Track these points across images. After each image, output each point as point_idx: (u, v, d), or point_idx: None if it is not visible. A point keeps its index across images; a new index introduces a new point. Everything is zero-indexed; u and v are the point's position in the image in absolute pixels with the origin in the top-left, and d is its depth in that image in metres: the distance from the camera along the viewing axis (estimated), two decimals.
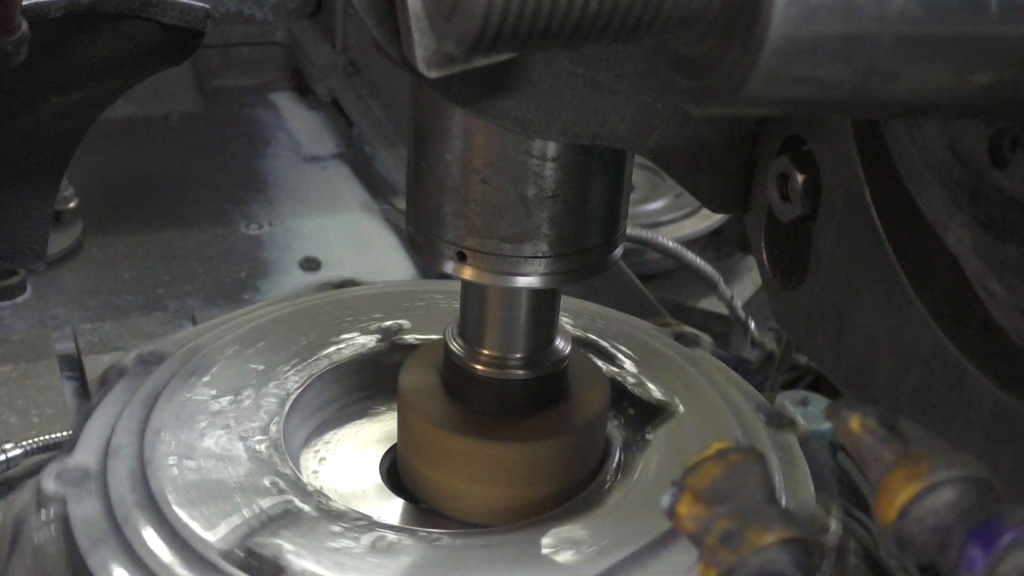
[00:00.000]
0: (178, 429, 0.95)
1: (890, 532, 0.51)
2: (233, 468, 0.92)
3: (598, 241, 0.88)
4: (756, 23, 0.48)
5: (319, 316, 1.11)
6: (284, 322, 1.10)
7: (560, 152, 0.82)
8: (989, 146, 0.64)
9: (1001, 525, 0.49)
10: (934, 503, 0.51)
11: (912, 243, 0.70)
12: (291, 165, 2.23)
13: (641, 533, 0.87)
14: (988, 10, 0.49)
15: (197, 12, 1.11)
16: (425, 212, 0.87)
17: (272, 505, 0.88)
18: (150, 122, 2.32)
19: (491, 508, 0.93)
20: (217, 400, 0.99)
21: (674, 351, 1.10)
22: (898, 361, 0.71)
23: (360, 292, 1.17)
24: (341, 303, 1.14)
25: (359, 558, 0.84)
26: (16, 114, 1.13)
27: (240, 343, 1.06)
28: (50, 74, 1.10)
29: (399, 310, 1.12)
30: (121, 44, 1.12)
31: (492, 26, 0.50)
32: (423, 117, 0.85)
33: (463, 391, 0.95)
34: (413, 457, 0.96)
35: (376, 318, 1.11)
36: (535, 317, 0.92)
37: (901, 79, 0.51)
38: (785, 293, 0.82)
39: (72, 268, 1.83)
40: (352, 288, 1.18)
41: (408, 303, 1.14)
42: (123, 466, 0.91)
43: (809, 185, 0.77)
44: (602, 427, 0.98)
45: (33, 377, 1.42)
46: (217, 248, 1.93)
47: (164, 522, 0.85)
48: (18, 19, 0.98)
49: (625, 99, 0.77)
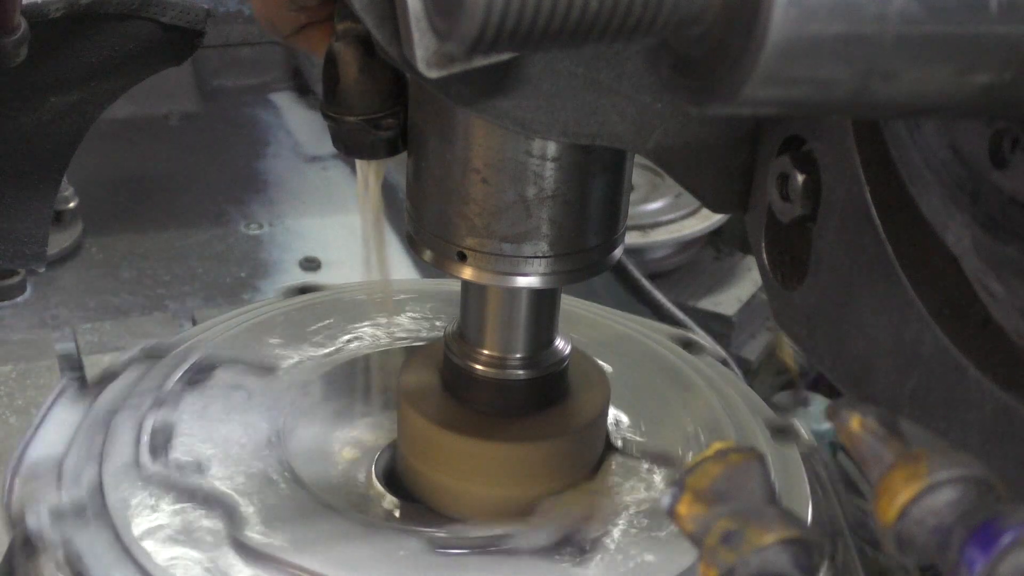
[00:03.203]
0: (180, 423, 0.96)
1: (890, 532, 0.51)
2: (231, 463, 0.92)
3: (598, 241, 0.88)
4: (756, 23, 0.48)
5: (324, 314, 1.12)
6: (278, 321, 1.10)
7: (560, 152, 0.82)
8: (989, 146, 0.64)
9: (1001, 525, 0.49)
10: (934, 503, 0.51)
11: (912, 243, 0.70)
12: (291, 165, 2.23)
13: (640, 533, 0.87)
14: (988, 10, 0.49)
15: (197, 12, 1.12)
16: (425, 212, 0.87)
17: (263, 501, 0.89)
18: (150, 122, 2.32)
19: (490, 508, 0.93)
20: (221, 396, 1.00)
21: (678, 358, 1.10)
22: (898, 361, 0.71)
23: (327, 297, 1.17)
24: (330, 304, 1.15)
25: (355, 557, 0.84)
26: (16, 114, 1.13)
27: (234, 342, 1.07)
28: (50, 74, 1.10)
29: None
30: (121, 44, 1.12)
31: (492, 26, 0.50)
32: (423, 117, 0.85)
33: (463, 391, 0.95)
34: (412, 457, 0.96)
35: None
36: (535, 317, 0.92)
37: (901, 79, 0.51)
38: (785, 293, 0.82)
39: (72, 268, 1.83)
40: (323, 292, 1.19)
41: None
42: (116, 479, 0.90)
43: (809, 185, 0.77)
44: (602, 427, 0.98)
45: (33, 377, 1.42)
46: (217, 248, 1.93)
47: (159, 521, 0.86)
48: (18, 19, 0.98)
49: (625, 99, 0.77)
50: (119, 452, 0.93)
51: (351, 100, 0.85)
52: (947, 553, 0.50)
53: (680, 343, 1.14)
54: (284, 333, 1.09)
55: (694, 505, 0.55)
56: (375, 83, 0.84)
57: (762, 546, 0.52)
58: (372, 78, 0.84)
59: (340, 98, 0.85)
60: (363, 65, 0.83)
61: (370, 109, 0.85)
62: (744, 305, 2.54)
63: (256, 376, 1.03)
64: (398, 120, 0.86)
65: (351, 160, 0.89)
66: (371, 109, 0.85)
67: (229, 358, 1.05)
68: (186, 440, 0.95)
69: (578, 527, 0.88)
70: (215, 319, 1.13)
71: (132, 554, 0.83)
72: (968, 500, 0.50)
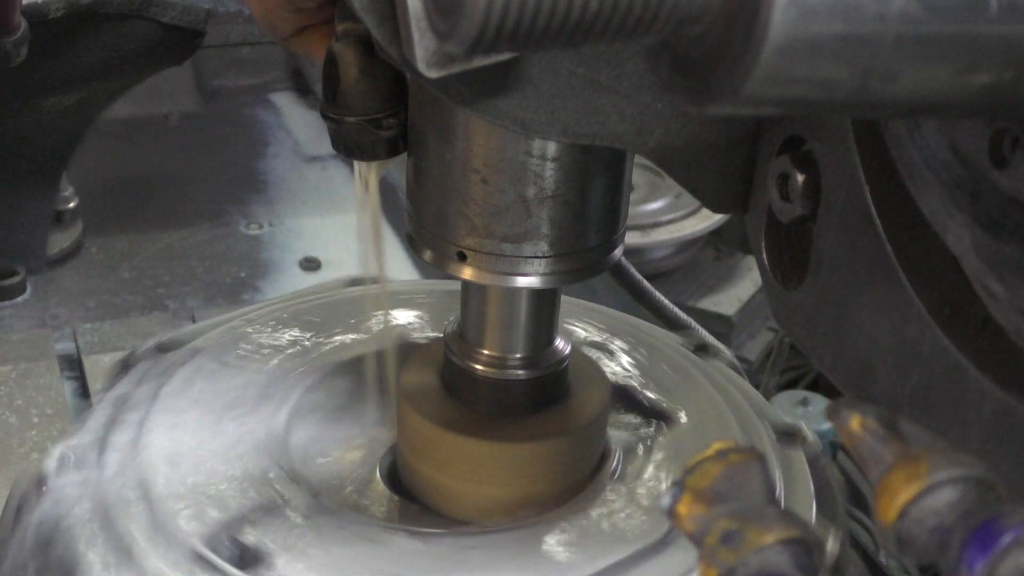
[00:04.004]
0: (179, 419, 0.96)
1: (890, 532, 0.51)
2: (228, 460, 0.93)
3: (598, 241, 0.88)
4: (756, 23, 0.48)
5: (324, 314, 1.12)
6: (294, 319, 1.11)
7: (560, 152, 0.82)
8: (989, 146, 0.64)
9: (1001, 525, 0.49)
10: (934, 503, 0.51)
11: (912, 243, 0.70)
12: (291, 165, 2.22)
13: (640, 534, 0.87)
14: (988, 10, 0.49)
15: (197, 12, 1.12)
16: (425, 212, 0.87)
17: (264, 498, 0.89)
18: (150, 122, 2.32)
19: (490, 508, 0.93)
20: (221, 392, 1.00)
21: (684, 358, 1.10)
22: (898, 361, 0.71)
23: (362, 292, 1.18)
24: (346, 302, 1.15)
25: (353, 556, 0.84)
26: (16, 114, 1.13)
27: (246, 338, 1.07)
28: (50, 74, 1.10)
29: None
30: (121, 44, 1.12)
31: (492, 26, 0.50)
32: (423, 117, 0.85)
33: (463, 391, 0.95)
34: (412, 456, 0.96)
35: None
36: (535, 317, 0.92)
37: (901, 79, 0.51)
38: (785, 293, 0.82)
39: (72, 268, 1.83)
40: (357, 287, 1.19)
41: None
42: (118, 452, 0.92)
43: (809, 185, 0.77)
44: (602, 427, 0.98)
45: (33, 377, 1.42)
46: (217, 248, 1.93)
47: (151, 510, 0.87)
48: (18, 19, 0.98)
49: (625, 99, 0.77)
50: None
51: (351, 100, 0.85)
52: (947, 553, 0.50)
53: (692, 348, 1.14)
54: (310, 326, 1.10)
55: (694, 505, 0.55)
56: (375, 83, 0.84)
57: (762, 546, 0.52)
58: (372, 78, 0.84)
59: (340, 99, 0.85)
60: (364, 65, 0.83)
61: (371, 109, 0.85)
62: (744, 305, 2.54)
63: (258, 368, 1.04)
64: (399, 120, 0.86)
65: (351, 160, 0.89)
66: (371, 109, 0.85)
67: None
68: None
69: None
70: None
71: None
72: (968, 500, 0.50)
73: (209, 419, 0.97)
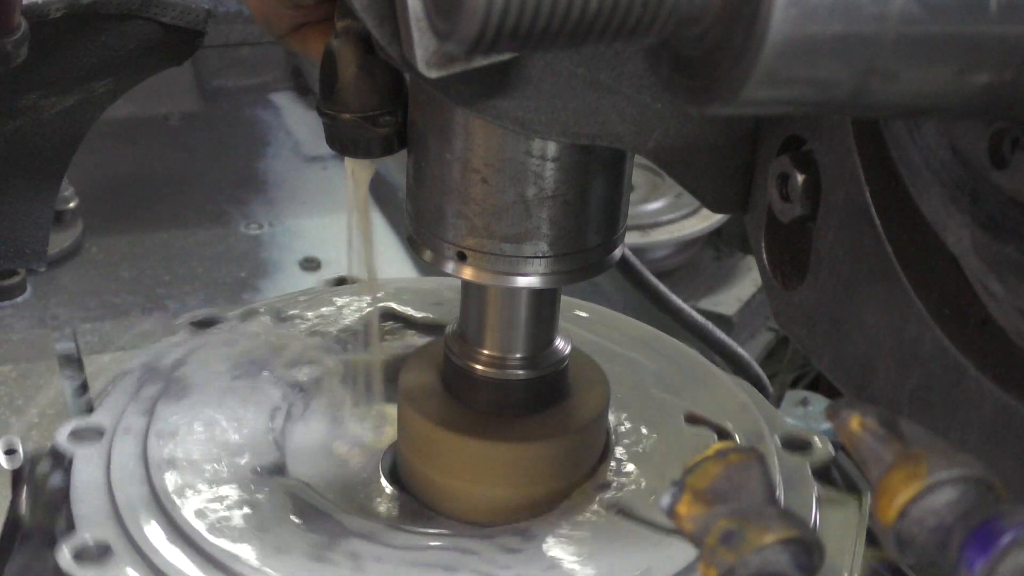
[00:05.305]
0: (191, 406, 0.99)
1: (890, 532, 0.51)
2: (231, 454, 0.94)
3: (598, 241, 0.88)
4: (756, 23, 0.48)
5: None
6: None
7: (560, 152, 0.82)
8: (989, 146, 0.64)
9: (1001, 525, 0.49)
10: (934, 503, 0.51)
11: (912, 243, 0.70)
12: (291, 165, 2.23)
13: (639, 533, 0.87)
14: (988, 10, 0.49)
15: (197, 12, 1.12)
16: (425, 212, 0.87)
17: (264, 495, 0.89)
18: (150, 122, 2.32)
19: (490, 508, 0.93)
20: (233, 382, 1.02)
21: (686, 359, 1.10)
22: (898, 361, 0.71)
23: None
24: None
25: (352, 555, 0.84)
26: (16, 114, 1.13)
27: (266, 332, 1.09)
28: (51, 74, 1.10)
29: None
30: (121, 44, 1.12)
31: (492, 26, 0.50)
32: (423, 117, 0.85)
33: (463, 391, 0.95)
34: (413, 456, 0.96)
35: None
36: (535, 317, 0.92)
37: (901, 79, 0.51)
38: (785, 293, 0.82)
39: (72, 268, 1.83)
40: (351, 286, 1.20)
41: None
42: (131, 436, 0.95)
43: (809, 185, 0.77)
44: (602, 427, 0.98)
45: (33, 377, 1.41)
46: (217, 248, 1.93)
47: (154, 495, 0.89)
48: (18, 19, 0.98)
49: (625, 99, 0.77)
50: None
51: (348, 97, 0.85)
52: (947, 553, 0.50)
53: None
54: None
55: (694, 505, 0.55)
56: (373, 81, 0.84)
57: (762, 546, 0.52)
58: (371, 76, 0.84)
59: (337, 95, 0.85)
60: (362, 63, 0.83)
61: (367, 107, 0.85)
62: (744, 305, 2.54)
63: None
64: (395, 118, 0.86)
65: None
66: (368, 107, 0.85)
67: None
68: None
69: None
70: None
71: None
72: (968, 500, 0.51)
73: (222, 406, 0.99)
